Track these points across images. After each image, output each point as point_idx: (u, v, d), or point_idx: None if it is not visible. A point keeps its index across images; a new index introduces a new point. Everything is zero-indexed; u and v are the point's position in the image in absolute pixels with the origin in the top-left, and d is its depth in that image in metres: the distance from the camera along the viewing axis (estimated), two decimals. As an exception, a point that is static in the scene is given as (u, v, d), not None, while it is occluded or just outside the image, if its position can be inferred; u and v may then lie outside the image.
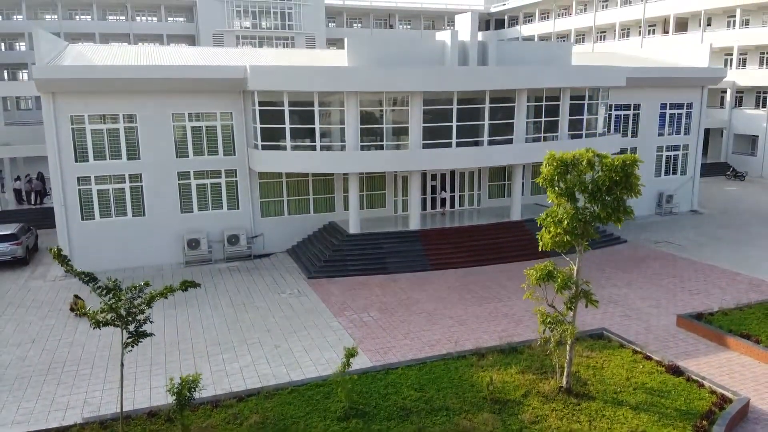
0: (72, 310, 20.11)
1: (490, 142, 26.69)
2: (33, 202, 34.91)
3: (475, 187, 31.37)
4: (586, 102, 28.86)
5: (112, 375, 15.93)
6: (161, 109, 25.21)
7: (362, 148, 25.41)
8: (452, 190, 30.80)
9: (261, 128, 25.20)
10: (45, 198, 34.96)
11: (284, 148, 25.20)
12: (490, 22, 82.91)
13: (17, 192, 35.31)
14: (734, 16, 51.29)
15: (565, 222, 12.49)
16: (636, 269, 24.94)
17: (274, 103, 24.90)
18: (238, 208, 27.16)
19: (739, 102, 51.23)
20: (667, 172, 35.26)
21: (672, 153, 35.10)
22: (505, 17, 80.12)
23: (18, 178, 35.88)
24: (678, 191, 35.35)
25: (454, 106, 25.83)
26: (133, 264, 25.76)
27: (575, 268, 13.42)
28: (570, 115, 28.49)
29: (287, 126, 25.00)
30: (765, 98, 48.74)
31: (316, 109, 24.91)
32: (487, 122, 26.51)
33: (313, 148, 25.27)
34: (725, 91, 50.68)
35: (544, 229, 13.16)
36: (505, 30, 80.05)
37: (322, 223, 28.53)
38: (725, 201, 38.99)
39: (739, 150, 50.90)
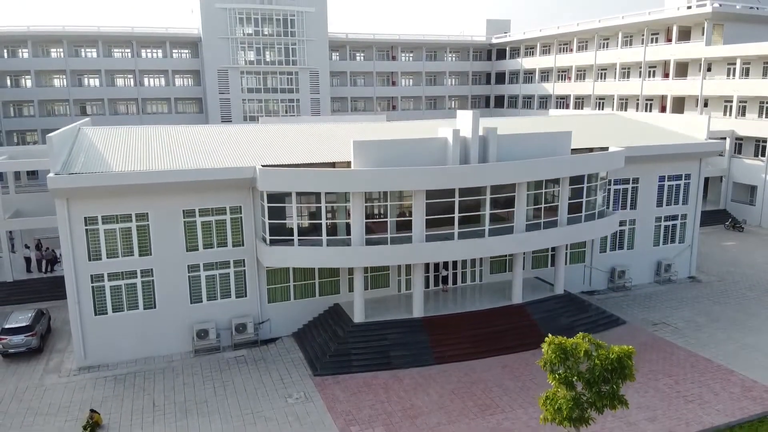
0: (85, 429, 20.51)
1: (491, 232, 27.39)
2: (44, 271, 35.49)
3: (476, 263, 32.11)
4: (585, 185, 29.57)
5: None
6: (173, 206, 25.91)
7: (367, 242, 26.15)
8: (454, 266, 31.51)
9: (269, 224, 25.95)
10: (56, 265, 35.36)
11: (292, 243, 25.97)
12: (492, 52, 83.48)
13: (27, 260, 35.75)
14: (734, 63, 51.86)
15: (565, 412, 13.20)
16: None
17: (282, 199, 25.66)
18: (246, 296, 27.88)
19: (738, 149, 51.83)
20: (665, 242, 35.91)
21: (670, 223, 35.74)
22: (507, 48, 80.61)
23: (27, 246, 36.36)
24: (676, 259, 36.04)
25: (456, 199, 26.59)
26: (144, 354, 26.49)
27: (573, 443, 14.12)
28: (570, 198, 29.21)
29: (294, 222, 25.80)
30: (764, 147, 49.30)
31: (323, 205, 25.71)
32: (488, 212, 27.24)
33: (320, 243, 26.03)
34: (724, 138, 51.24)
35: (545, 407, 13.84)
36: (505, 61, 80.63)
37: (328, 305, 29.27)
38: (723, 263, 39.64)
39: (738, 198, 51.50)
